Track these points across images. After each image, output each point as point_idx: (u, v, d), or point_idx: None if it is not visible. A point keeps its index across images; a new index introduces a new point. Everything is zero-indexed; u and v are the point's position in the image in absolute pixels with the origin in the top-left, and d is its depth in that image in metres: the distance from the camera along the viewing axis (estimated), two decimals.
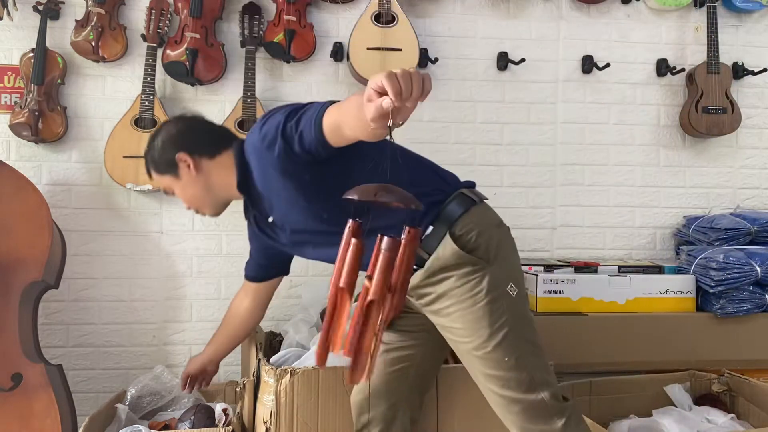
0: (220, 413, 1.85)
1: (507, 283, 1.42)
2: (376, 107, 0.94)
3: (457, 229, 1.42)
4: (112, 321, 2.44)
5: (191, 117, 1.67)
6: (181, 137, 1.58)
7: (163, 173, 1.61)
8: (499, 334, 1.38)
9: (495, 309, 1.39)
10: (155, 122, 2.37)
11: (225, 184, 1.56)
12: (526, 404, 1.39)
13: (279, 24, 2.47)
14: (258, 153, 1.40)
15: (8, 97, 2.42)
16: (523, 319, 1.43)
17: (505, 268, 1.44)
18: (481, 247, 1.41)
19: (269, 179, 1.42)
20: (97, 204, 2.44)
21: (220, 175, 1.56)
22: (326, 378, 1.73)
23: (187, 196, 1.62)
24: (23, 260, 2.02)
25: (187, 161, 1.55)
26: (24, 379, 1.99)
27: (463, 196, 1.47)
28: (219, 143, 1.58)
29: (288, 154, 1.31)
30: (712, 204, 2.73)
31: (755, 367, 2.29)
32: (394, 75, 0.93)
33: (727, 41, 2.72)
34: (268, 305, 1.92)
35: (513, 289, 1.42)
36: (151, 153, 1.61)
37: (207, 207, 1.64)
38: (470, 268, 1.40)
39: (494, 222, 1.50)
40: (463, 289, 1.40)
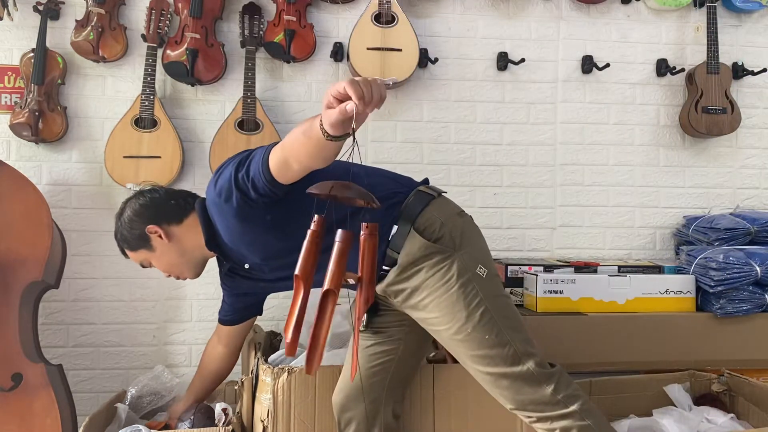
0: (219, 413, 1.85)
1: (476, 265, 1.46)
2: (340, 111, 1.01)
3: (419, 223, 1.46)
4: (112, 321, 2.45)
5: (150, 190, 1.72)
6: (146, 211, 1.64)
7: (136, 249, 1.67)
8: (476, 314, 1.42)
9: (468, 291, 1.43)
10: (155, 122, 2.38)
11: (197, 245, 1.62)
12: (513, 377, 1.43)
13: (279, 24, 2.47)
14: (218, 207, 1.45)
15: (8, 97, 2.42)
16: (497, 297, 1.47)
17: (472, 252, 1.47)
18: (445, 236, 1.46)
19: (234, 230, 1.47)
20: (97, 204, 2.45)
21: (190, 238, 1.62)
22: (322, 377, 1.73)
23: (163, 264, 1.68)
24: (23, 260, 2.02)
25: (158, 231, 1.61)
26: (24, 379, 1.99)
27: (421, 193, 1.52)
28: (184, 207, 1.64)
29: (246, 202, 1.37)
30: (711, 204, 2.73)
31: (755, 367, 2.29)
32: (357, 82, 0.99)
33: (727, 41, 2.72)
34: (236, 357, 1.97)
35: (482, 270, 1.46)
36: (120, 232, 1.67)
37: (186, 271, 1.70)
38: (438, 257, 1.44)
39: (455, 211, 1.54)
40: (434, 279, 1.44)
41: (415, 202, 1.50)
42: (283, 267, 1.54)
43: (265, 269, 1.59)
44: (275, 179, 1.28)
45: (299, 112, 2.55)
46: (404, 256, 1.45)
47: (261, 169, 1.29)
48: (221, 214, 1.45)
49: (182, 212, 1.63)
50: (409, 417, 1.76)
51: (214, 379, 1.97)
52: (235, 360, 1.97)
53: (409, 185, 1.57)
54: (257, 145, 2.71)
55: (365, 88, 0.99)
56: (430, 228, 1.46)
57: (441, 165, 2.61)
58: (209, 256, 1.67)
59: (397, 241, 1.46)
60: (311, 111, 2.54)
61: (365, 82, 1.00)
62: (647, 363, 2.25)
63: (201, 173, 2.47)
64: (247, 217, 1.41)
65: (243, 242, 1.51)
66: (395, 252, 1.47)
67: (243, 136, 2.40)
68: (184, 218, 1.63)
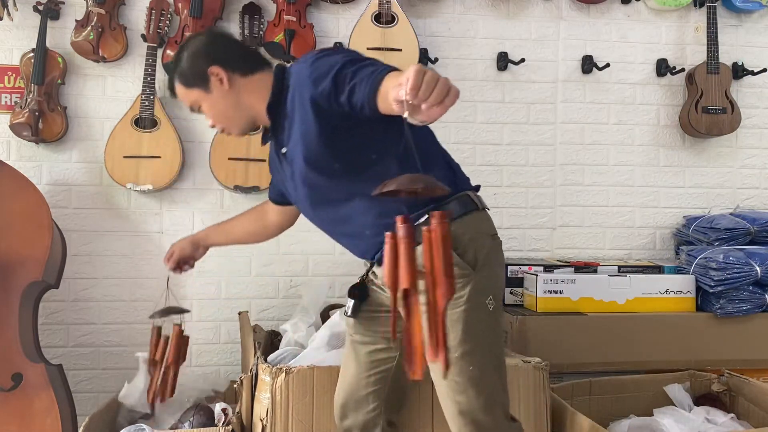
0: (219, 413, 1.86)
1: (487, 295, 1.40)
2: (395, 95, 0.96)
3: (452, 228, 1.41)
4: (112, 321, 2.45)
5: (223, 32, 1.61)
6: (214, 50, 1.51)
7: (191, 86, 1.52)
8: (469, 343, 1.37)
9: (471, 318, 1.37)
10: (155, 122, 2.38)
11: (254, 106, 1.51)
12: (476, 416, 1.38)
13: (279, 24, 2.47)
14: (301, 83, 1.36)
15: (8, 97, 2.42)
16: (494, 335, 1.43)
17: (488, 280, 1.41)
18: (469, 253, 1.39)
19: (299, 111, 1.39)
20: (97, 204, 2.45)
21: (251, 95, 1.51)
22: (320, 377, 1.73)
23: (215, 112, 1.54)
24: (23, 260, 2.02)
25: (221, 75, 1.48)
26: (24, 379, 1.99)
27: (467, 198, 1.45)
28: (254, 63, 1.53)
29: (331, 97, 1.28)
30: (711, 204, 2.73)
31: (755, 367, 2.29)
32: (422, 73, 0.94)
33: (727, 41, 2.72)
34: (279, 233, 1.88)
35: (491, 303, 1.40)
36: (178, 65, 1.53)
37: (234, 126, 1.57)
38: (457, 271, 1.35)
39: (489, 231, 1.47)
40: None
41: (457, 203, 1.42)
42: (307, 176, 1.45)
43: (295, 167, 1.48)
44: (375, 102, 1.18)
45: None
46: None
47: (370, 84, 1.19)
48: (300, 89, 1.37)
49: (252, 66, 1.52)
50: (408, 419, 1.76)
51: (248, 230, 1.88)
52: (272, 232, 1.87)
53: (462, 183, 1.50)
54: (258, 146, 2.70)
55: (425, 84, 0.93)
56: (458, 238, 1.37)
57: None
58: (261, 120, 1.54)
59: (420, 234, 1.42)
60: None
61: (430, 78, 0.94)
62: (647, 363, 2.25)
63: (201, 173, 2.47)
64: (320, 109, 1.33)
65: (297, 123, 1.41)
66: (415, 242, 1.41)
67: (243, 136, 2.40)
68: (252, 73, 1.51)
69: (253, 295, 2.51)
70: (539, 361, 1.82)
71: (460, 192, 1.45)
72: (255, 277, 2.51)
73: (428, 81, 0.93)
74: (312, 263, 2.54)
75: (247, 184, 2.39)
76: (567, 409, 1.83)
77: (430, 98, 0.94)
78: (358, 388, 1.58)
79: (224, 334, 2.49)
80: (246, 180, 2.39)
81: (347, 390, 1.60)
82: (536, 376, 1.79)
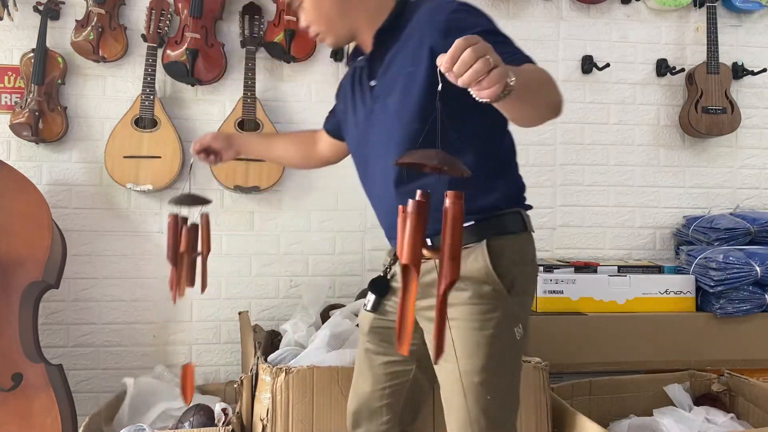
0: (219, 413, 1.86)
1: (517, 323, 1.31)
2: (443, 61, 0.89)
3: (497, 245, 1.28)
4: (112, 321, 2.45)
5: None
6: None
7: None
8: (490, 370, 1.28)
9: (497, 344, 1.28)
10: (155, 122, 2.38)
11: (361, 23, 1.38)
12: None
13: (279, 24, 2.47)
14: (428, 25, 1.25)
15: (8, 97, 2.42)
16: (517, 366, 1.36)
17: (520, 307, 1.33)
18: (507, 277, 1.28)
19: (412, 52, 1.28)
20: (97, 204, 2.45)
21: (363, 10, 1.37)
22: (320, 377, 1.73)
23: (317, 13, 1.39)
24: (23, 260, 2.02)
25: None
26: (24, 379, 1.99)
27: (519, 217, 1.36)
28: None
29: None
30: (711, 204, 2.73)
31: (755, 367, 2.29)
32: (463, 47, 0.87)
33: (727, 41, 2.72)
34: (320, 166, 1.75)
35: (519, 332, 1.31)
36: None
37: (331, 34, 1.41)
38: (491, 291, 1.28)
39: (531, 257, 1.38)
40: (474, 309, 1.28)
41: (510, 220, 1.33)
42: (382, 122, 1.34)
43: (376, 106, 1.37)
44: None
45: (299, 112, 2.55)
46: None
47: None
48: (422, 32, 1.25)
49: None
50: None
51: (280, 150, 1.72)
52: (304, 165, 1.79)
53: (518, 197, 1.39)
54: None
55: (460, 61, 0.86)
56: (501, 257, 1.28)
57: None
58: (363, 40, 1.41)
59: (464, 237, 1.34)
60: (311, 111, 2.54)
61: (469, 55, 0.85)
62: (647, 363, 2.25)
63: (201, 173, 2.47)
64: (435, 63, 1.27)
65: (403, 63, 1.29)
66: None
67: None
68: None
69: (253, 295, 2.51)
70: (539, 361, 1.82)
71: (516, 207, 1.36)
72: (255, 277, 2.52)
73: (465, 58, 0.86)
74: (312, 263, 2.54)
75: (247, 184, 2.39)
76: (567, 409, 1.84)
77: (464, 76, 0.87)
78: (372, 400, 1.50)
79: (224, 334, 2.49)
80: (246, 180, 2.39)
81: (360, 399, 1.52)
82: (536, 376, 1.80)
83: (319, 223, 2.55)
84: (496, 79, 0.88)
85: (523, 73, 1.01)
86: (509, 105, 1.01)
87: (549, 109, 1.13)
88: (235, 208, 2.51)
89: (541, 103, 1.12)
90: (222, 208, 2.50)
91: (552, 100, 1.13)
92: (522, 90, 0.97)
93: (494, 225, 1.30)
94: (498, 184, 1.33)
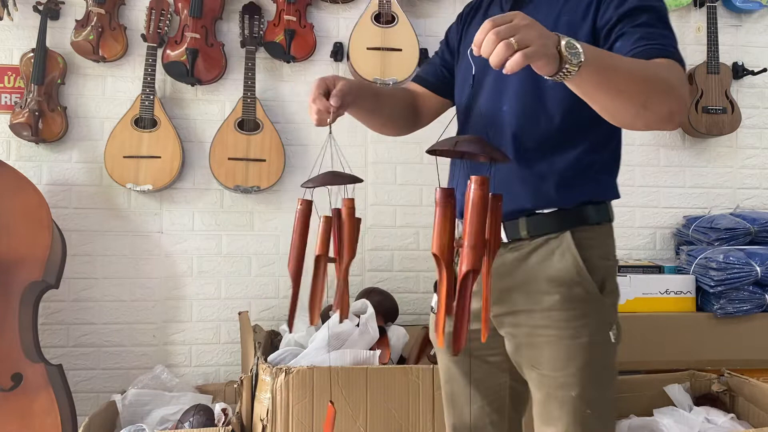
0: (219, 413, 1.86)
1: (611, 324, 1.18)
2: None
3: (585, 238, 1.17)
4: (112, 321, 2.45)
5: None
6: None
7: None
8: (587, 381, 1.15)
9: (593, 353, 1.15)
10: (155, 122, 2.38)
11: None
12: None
13: (279, 24, 2.47)
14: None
15: (8, 97, 2.42)
16: (613, 372, 1.21)
17: (613, 307, 1.20)
18: (598, 274, 1.16)
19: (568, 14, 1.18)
20: (97, 204, 2.45)
21: None
22: (320, 377, 1.73)
23: None
24: (23, 260, 2.02)
25: None
26: (24, 379, 1.99)
27: (605, 206, 1.23)
28: None
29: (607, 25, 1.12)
30: (711, 204, 2.73)
31: (755, 367, 2.29)
32: (488, 28, 0.84)
33: (727, 41, 2.72)
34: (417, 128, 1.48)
35: (614, 334, 1.18)
36: None
37: None
38: (583, 293, 1.15)
39: (614, 251, 1.24)
40: (564, 315, 1.15)
41: (596, 209, 1.20)
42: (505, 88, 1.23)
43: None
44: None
45: (299, 111, 2.55)
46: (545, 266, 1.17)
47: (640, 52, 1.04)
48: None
49: None
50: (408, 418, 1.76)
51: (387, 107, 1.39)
52: (405, 125, 1.45)
53: (613, 186, 1.25)
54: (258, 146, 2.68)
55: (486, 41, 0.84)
56: (591, 254, 1.16)
57: (440, 165, 2.61)
58: None
59: (542, 224, 1.17)
60: None
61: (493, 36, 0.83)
62: (647, 363, 2.25)
63: (201, 173, 2.47)
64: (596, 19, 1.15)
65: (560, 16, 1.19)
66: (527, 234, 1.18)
67: (243, 136, 2.40)
68: None
69: (253, 295, 2.51)
70: None
71: (606, 198, 1.23)
72: (255, 277, 2.52)
73: (488, 42, 0.84)
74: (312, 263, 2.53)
75: (247, 184, 2.39)
76: None
77: (491, 58, 0.84)
78: (476, 418, 1.32)
79: (224, 334, 2.49)
80: (246, 180, 2.39)
81: (458, 419, 1.35)
82: None
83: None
84: (517, 63, 0.84)
85: (611, 61, 0.94)
86: (579, 89, 0.95)
87: (648, 110, 0.98)
88: (235, 208, 2.51)
89: (630, 101, 0.97)
90: (222, 208, 2.50)
91: (654, 103, 0.98)
92: (593, 78, 0.91)
93: (579, 214, 1.18)
94: (602, 177, 1.22)
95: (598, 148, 1.20)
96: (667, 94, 0.99)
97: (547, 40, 0.86)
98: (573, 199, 1.17)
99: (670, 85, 1.00)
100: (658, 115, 0.99)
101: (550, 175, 1.17)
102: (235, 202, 2.51)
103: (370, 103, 1.34)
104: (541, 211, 1.18)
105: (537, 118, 1.18)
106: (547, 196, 1.17)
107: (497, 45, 0.84)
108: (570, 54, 0.87)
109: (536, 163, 1.18)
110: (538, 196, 1.18)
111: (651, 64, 1.02)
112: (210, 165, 2.40)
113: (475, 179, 0.82)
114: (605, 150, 1.22)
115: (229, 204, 2.51)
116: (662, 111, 0.99)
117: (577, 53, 0.87)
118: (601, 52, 0.94)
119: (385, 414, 1.77)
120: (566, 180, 1.17)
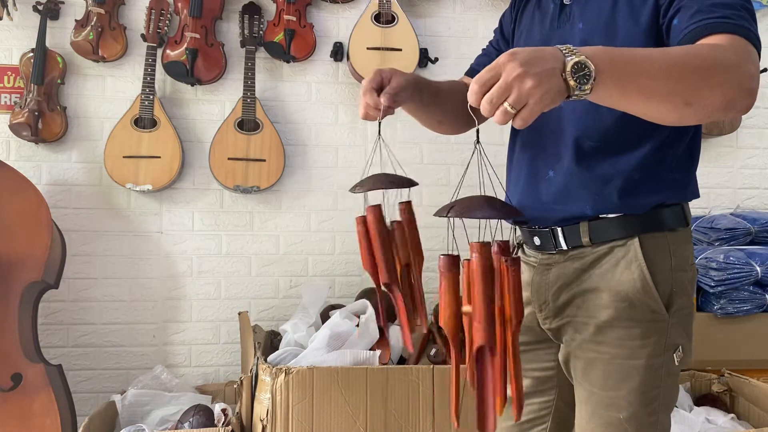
0: (219, 413, 1.86)
1: (677, 345, 1.06)
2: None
3: (655, 246, 1.05)
4: (112, 321, 2.44)
5: None
6: None
7: None
8: (638, 404, 1.05)
9: (649, 375, 1.05)
10: (155, 122, 2.38)
11: None
12: None
13: (279, 24, 2.47)
14: None
15: (8, 97, 2.42)
16: (672, 398, 1.12)
17: (682, 326, 1.08)
18: (666, 289, 1.04)
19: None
20: (97, 204, 2.44)
21: None
22: (320, 378, 1.73)
23: None
24: (23, 260, 2.02)
25: None
26: (24, 379, 1.99)
27: (681, 209, 1.09)
28: None
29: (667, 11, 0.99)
30: (712, 204, 2.73)
31: (755, 367, 2.29)
32: (477, 90, 0.79)
33: None
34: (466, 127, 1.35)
35: (679, 355, 1.07)
36: None
37: None
38: (647, 310, 1.04)
39: (692, 259, 1.11)
40: (622, 333, 1.05)
41: (670, 213, 1.07)
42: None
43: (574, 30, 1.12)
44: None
45: (299, 111, 2.55)
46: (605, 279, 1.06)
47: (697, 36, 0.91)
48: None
49: None
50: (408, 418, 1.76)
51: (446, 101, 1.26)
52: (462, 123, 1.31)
53: (694, 190, 1.12)
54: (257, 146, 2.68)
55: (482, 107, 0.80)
56: (661, 264, 1.04)
57: (441, 165, 2.62)
58: None
59: (603, 231, 1.06)
60: (311, 111, 2.55)
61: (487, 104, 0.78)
62: None
63: (201, 173, 2.47)
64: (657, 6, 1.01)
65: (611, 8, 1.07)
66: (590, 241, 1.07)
67: (243, 136, 2.40)
68: None
69: (253, 295, 2.51)
70: None
71: (681, 200, 1.09)
72: (255, 277, 2.51)
73: (484, 108, 0.79)
74: (312, 263, 2.54)
75: (247, 184, 2.39)
76: None
77: (485, 111, 0.80)
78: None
79: (224, 334, 2.49)
80: (246, 180, 2.39)
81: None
82: None
83: (318, 223, 2.55)
84: (521, 126, 0.79)
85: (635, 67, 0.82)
86: (604, 103, 0.86)
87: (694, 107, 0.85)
88: (235, 208, 2.51)
89: (668, 102, 0.85)
90: (222, 208, 2.50)
91: (701, 96, 0.84)
92: (614, 92, 0.82)
93: (649, 218, 1.05)
94: (675, 175, 1.09)
95: (670, 141, 1.07)
96: (719, 81, 0.84)
97: (547, 82, 0.77)
98: (641, 202, 1.05)
99: (725, 67, 0.85)
100: (710, 108, 0.85)
101: (614, 176, 1.05)
102: (235, 202, 2.51)
103: (428, 99, 1.22)
104: (605, 216, 1.06)
105: (599, 113, 1.06)
106: (610, 201, 1.06)
107: (495, 113, 0.78)
108: (577, 79, 0.78)
109: (598, 164, 1.07)
110: (601, 201, 1.06)
111: (695, 49, 0.88)
112: (210, 165, 2.40)
113: (474, 246, 0.72)
114: (679, 144, 1.08)
115: (229, 204, 2.51)
116: (714, 103, 0.85)
117: (587, 74, 0.78)
118: (624, 57, 0.83)
119: (385, 414, 1.77)
120: (632, 182, 1.05)
